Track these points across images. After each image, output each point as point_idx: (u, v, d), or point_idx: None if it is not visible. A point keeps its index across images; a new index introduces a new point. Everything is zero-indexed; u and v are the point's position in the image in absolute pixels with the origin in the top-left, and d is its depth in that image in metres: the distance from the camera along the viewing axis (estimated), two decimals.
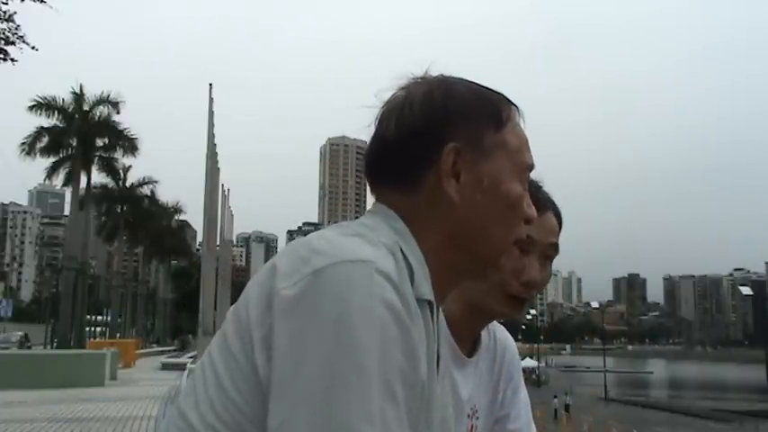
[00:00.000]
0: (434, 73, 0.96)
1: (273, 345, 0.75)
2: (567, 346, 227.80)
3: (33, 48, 19.33)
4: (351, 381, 0.71)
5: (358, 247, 0.79)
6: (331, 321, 0.73)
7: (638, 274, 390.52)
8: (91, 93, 38.44)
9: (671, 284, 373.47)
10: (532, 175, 1.30)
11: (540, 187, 1.30)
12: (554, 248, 1.29)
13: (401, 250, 0.84)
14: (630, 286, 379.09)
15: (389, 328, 0.74)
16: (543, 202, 1.26)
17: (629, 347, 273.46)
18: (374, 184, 0.95)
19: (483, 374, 1.36)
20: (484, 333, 1.38)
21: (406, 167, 0.90)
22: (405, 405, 0.75)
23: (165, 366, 27.52)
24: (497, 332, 1.43)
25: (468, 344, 1.32)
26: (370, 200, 0.91)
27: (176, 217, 64.85)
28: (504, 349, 1.43)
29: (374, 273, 0.76)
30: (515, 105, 0.97)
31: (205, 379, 0.82)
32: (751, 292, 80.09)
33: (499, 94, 0.97)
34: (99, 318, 53.39)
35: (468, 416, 1.30)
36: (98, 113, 38.22)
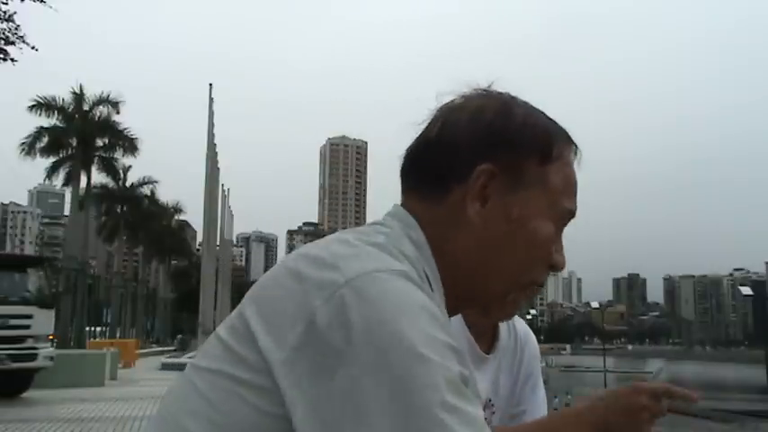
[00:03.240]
0: (501, 89, 0.90)
1: (315, 381, 0.65)
2: (567, 346, 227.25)
3: (33, 48, 19.33)
4: (421, 412, 0.63)
5: (384, 256, 0.73)
6: (384, 352, 0.64)
7: (638, 274, 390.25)
8: (91, 93, 38.47)
9: (671, 284, 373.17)
10: None
11: None
12: None
13: (424, 270, 0.79)
14: (630, 286, 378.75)
15: (440, 346, 0.67)
16: None
17: (629, 347, 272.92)
18: (404, 183, 0.89)
19: (502, 370, 1.35)
20: (503, 328, 1.35)
21: (437, 175, 0.85)
22: (476, 400, 0.69)
23: (166, 366, 27.39)
24: (518, 326, 1.40)
25: (488, 340, 1.31)
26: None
27: (176, 217, 64.97)
28: (525, 344, 1.40)
29: (411, 284, 0.70)
30: (575, 146, 0.90)
31: (196, 386, 0.75)
32: (751, 292, 79.86)
33: (561, 129, 0.89)
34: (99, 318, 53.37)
35: (485, 408, 1.28)
36: (98, 113, 38.22)
